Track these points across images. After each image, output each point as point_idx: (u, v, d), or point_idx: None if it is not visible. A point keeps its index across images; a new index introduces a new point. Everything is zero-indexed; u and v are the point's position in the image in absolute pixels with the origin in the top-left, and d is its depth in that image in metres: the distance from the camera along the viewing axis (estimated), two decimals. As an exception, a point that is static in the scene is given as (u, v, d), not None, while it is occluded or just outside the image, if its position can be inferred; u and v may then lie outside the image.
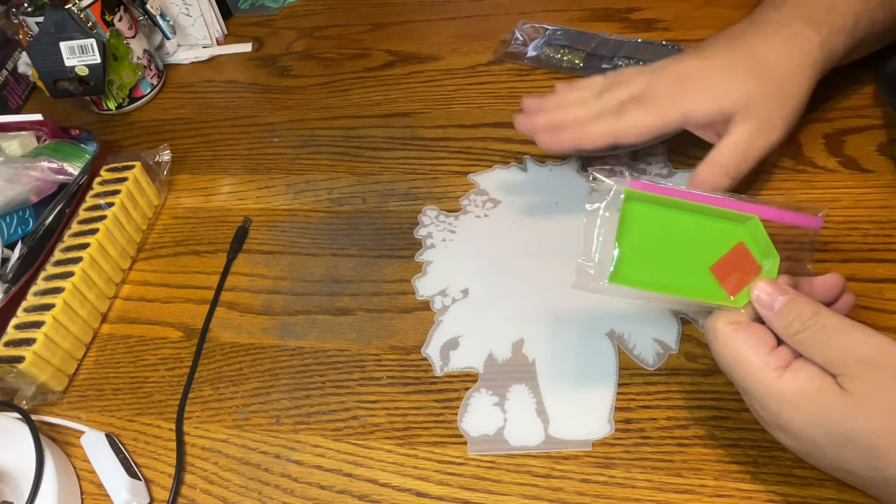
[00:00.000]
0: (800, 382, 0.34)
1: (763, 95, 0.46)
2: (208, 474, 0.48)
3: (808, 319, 0.35)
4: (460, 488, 0.44)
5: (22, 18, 0.69)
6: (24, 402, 0.51)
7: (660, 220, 0.39)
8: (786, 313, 0.36)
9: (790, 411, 0.34)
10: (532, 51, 0.69)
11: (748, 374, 0.36)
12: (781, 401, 0.34)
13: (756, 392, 0.35)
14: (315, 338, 0.53)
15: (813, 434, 0.34)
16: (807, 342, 0.35)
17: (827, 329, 0.35)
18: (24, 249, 0.59)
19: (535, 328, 0.49)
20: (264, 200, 0.64)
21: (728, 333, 0.37)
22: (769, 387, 0.35)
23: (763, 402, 0.35)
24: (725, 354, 0.37)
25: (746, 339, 0.36)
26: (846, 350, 0.34)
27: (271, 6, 0.85)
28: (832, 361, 0.34)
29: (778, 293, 0.36)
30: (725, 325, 0.37)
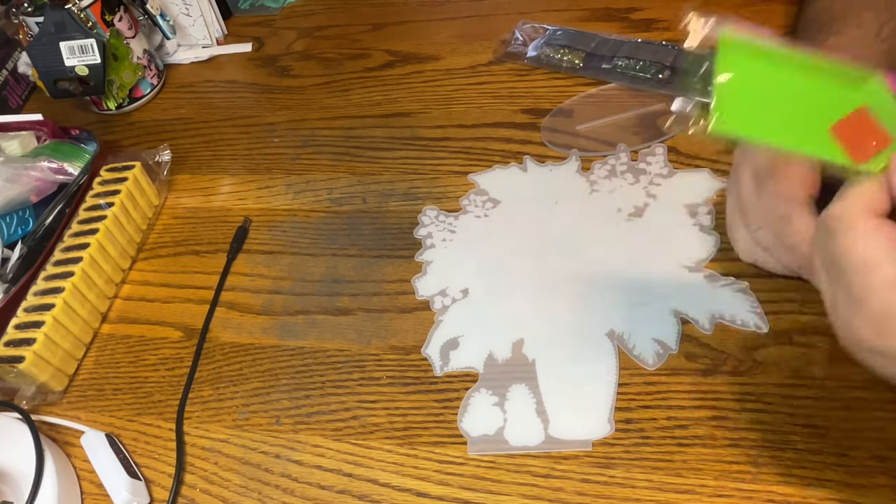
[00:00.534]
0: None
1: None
2: (208, 474, 0.48)
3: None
4: (460, 488, 0.44)
5: (22, 18, 0.69)
6: (24, 402, 0.51)
7: (767, 71, 0.33)
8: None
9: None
10: (532, 51, 0.69)
11: (875, 284, 0.30)
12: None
13: (877, 307, 0.30)
14: (315, 338, 0.53)
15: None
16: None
17: None
18: (24, 249, 0.59)
19: (535, 328, 0.49)
20: (264, 200, 0.64)
21: (868, 231, 0.30)
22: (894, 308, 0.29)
23: (881, 323, 0.30)
24: (852, 253, 0.31)
25: (888, 241, 0.30)
26: None
27: (271, 6, 0.85)
28: None
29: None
30: (867, 220, 0.31)
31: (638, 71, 0.63)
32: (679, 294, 0.49)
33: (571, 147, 0.60)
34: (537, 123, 0.63)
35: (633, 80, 0.63)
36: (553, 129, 0.62)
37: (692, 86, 0.34)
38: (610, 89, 0.64)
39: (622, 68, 0.64)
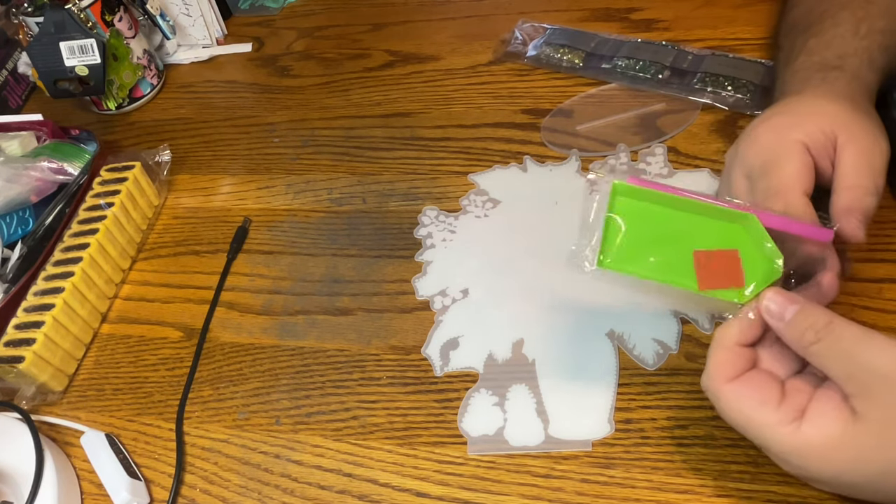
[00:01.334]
0: (821, 431, 0.32)
1: (850, 112, 0.43)
2: (208, 474, 0.48)
3: (822, 329, 0.33)
4: (460, 488, 0.44)
5: (22, 18, 0.69)
6: (24, 402, 0.51)
7: (651, 214, 0.38)
8: (798, 323, 0.34)
9: (818, 463, 0.33)
10: (532, 50, 0.69)
11: (763, 434, 0.34)
12: (806, 455, 0.33)
13: (776, 450, 0.34)
14: (315, 338, 0.53)
15: (847, 479, 0.33)
16: (822, 354, 0.33)
17: (843, 339, 0.33)
18: (24, 249, 0.59)
19: (535, 328, 0.49)
20: (264, 200, 0.64)
21: (730, 395, 0.35)
22: (789, 443, 0.33)
23: (786, 458, 0.34)
24: (732, 415, 0.35)
25: (752, 395, 0.34)
26: (864, 363, 0.32)
27: (271, 6, 0.85)
28: (849, 376, 0.32)
29: (788, 302, 0.35)
30: (724, 385, 0.35)
31: (638, 71, 0.63)
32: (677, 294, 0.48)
33: (571, 147, 0.60)
34: (537, 123, 0.63)
35: (633, 80, 0.63)
36: (553, 129, 0.62)
37: (583, 231, 0.39)
38: (610, 89, 0.64)
39: (622, 68, 0.64)
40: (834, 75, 0.46)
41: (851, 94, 0.45)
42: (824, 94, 0.45)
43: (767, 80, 0.59)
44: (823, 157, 0.42)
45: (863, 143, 0.41)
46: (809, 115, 0.43)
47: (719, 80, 0.61)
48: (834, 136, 0.41)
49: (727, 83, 0.60)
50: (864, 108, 0.44)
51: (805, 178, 0.41)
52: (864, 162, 0.41)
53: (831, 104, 0.44)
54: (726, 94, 0.60)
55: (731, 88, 0.60)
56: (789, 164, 0.41)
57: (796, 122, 0.43)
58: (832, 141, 0.42)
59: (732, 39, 0.65)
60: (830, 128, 0.42)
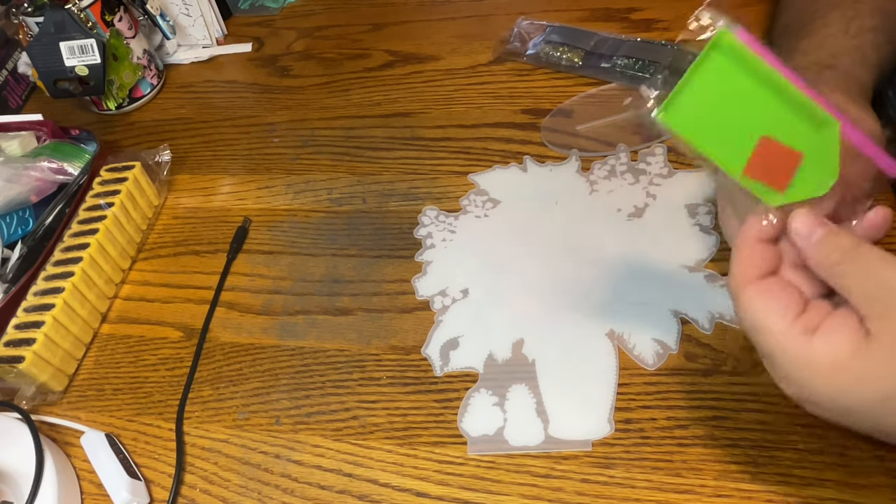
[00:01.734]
0: (831, 346, 0.31)
1: (844, 102, 0.43)
2: (208, 474, 0.48)
3: (848, 250, 0.32)
4: (460, 488, 0.44)
5: (22, 18, 0.69)
6: (24, 402, 0.51)
7: (739, 83, 0.34)
8: (825, 244, 0.33)
9: (821, 380, 0.32)
10: (531, 48, 0.69)
11: (773, 342, 0.33)
12: (811, 370, 0.32)
13: (781, 360, 0.33)
14: (315, 338, 0.53)
15: (845, 402, 0.32)
16: (845, 274, 0.32)
17: (867, 260, 0.32)
18: (24, 249, 0.59)
19: (535, 328, 0.49)
20: (264, 200, 0.64)
21: (749, 297, 0.34)
22: (796, 354, 0.32)
23: (790, 372, 0.33)
24: (749, 318, 0.34)
25: (770, 301, 0.33)
26: (883, 284, 0.31)
27: (271, 6, 0.85)
28: (867, 294, 0.31)
29: (817, 224, 0.34)
30: (747, 287, 0.34)
31: (637, 70, 0.63)
32: (679, 294, 0.49)
33: (571, 147, 0.60)
34: (537, 123, 0.63)
35: (633, 80, 0.63)
36: (553, 129, 0.62)
37: (667, 74, 0.35)
38: (610, 89, 0.64)
39: (621, 67, 0.64)
40: (828, 74, 0.47)
41: (846, 90, 0.45)
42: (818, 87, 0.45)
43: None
44: None
45: (864, 127, 0.41)
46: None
47: (719, 80, 0.61)
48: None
49: (727, 83, 0.60)
50: (858, 102, 0.44)
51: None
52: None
53: (826, 97, 0.44)
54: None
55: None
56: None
57: None
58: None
59: (732, 39, 0.65)
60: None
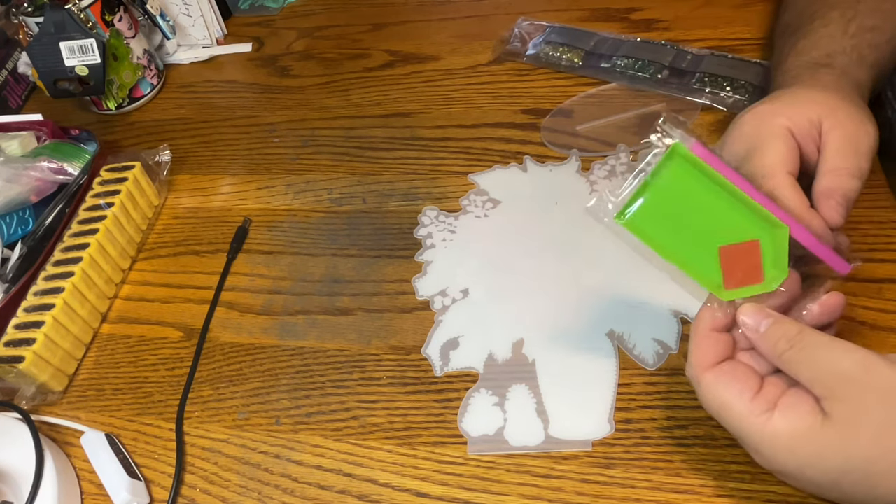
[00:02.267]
0: (789, 423, 0.34)
1: (837, 100, 0.44)
2: (208, 474, 0.48)
3: (794, 337, 0.35)
4: (460, 488, 0.44)
5: (22, 18, 0.69)
6: (24, 402, 0.51)
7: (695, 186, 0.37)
8: (771, 334, 0.36)
9: (784, 455, 0.34)
10: (531, 49, 0.69)
11: (737, 422, 0.35)
12: (774, 446, 0.34)
13: (748, 439, 0.35)
14: (315, 338, 0.53)
15: (810, 474, 0.34)
16: (793, 360, 0.35)
17: (812, 345, 0.35)
18: (24, 249, 0.59)
19: (535, 328, 0.49)
20: (264, 200, 0.64)
21: (708, 382, 0.36)
22: (759, 432, 0.35)
23: (757, 448, 0.35)
24: (711, 402, 0.37)
25: (728, 385, 0.36)
26: (830, 366, 0.34)
27: (271, 6, 0.85)
28: (817, 379, 0.34)
29: (763, 317, 0.36)
30: (704, 374, 0.37)
31: (637, 70, 0.63)
32: (679, 294, 0.48)
33: (571, 147, 0.60)
34: (537, 123, 0.63)
35: (632, 80, 0.63)
36: (553, 129, 0.62)
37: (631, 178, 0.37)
38: (610, 89, 0.64)
39: (621, 67, 0.64)
40: (823, 72, 0.47)
41: (840, 88, 0.45)
42: (812, 86, 0.46)
43: (766, 82, 0.59)
44: (808, 143, 0.42)
45: (847, 128, 0.42)
46: (795, 103, 0.44)
47: (718, 81, 0.61)
48: (819, 122, 0.42)
49: (726, 84, 0.60)
50: (852, 99, 0.44)
51: (789, 160, 0.41)
52: (848, 145, 0.41)
53: (818, 94, 0.44)
54: (725, 95, 0.60)
55: (730, 89, 0.60)
56: (773, 146, 0.42)
57: (780, 109, 0.43)
58: (817, 127, 0.42)
59: (732, 40, 0.65)
60: (816, 114, 0.42)
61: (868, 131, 0.42)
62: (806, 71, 0.48)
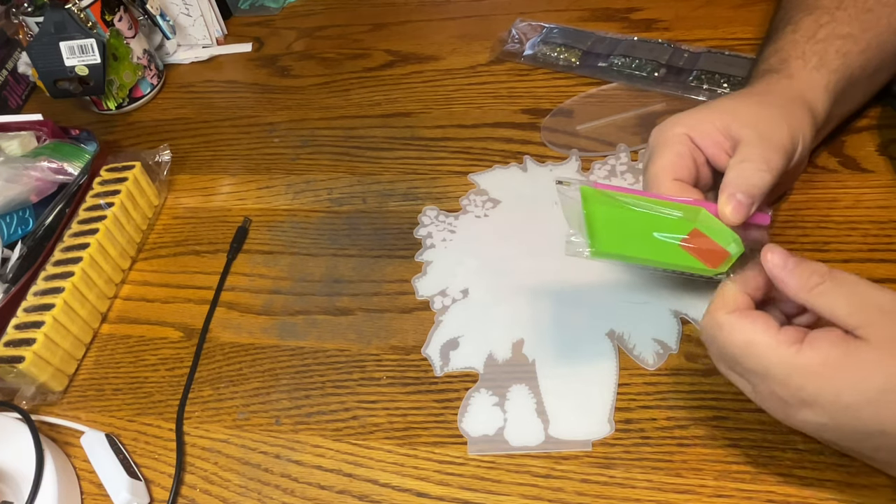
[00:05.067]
0: (822, 351, 0.33)
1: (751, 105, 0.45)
2: (208, 474, 0.48)
3: (825, 273, 0.35)
4: (460, 488, 0.44)
5: (22, 18, 0.69)
6: (24, 402, 0.51)
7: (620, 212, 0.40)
8: (802, 269, 0.35)
9: (817, 383, 0.33)
10: (529, 49, 0.69)
11: (764, 355, 0.35)
12: (805, 374, 0.33)
13: (777, 371, 0.34)
14: (315, 338, 0.53)
15: (845, 399, 0.33)
16: (827, 293, 0.34)
17: (847, 280, 0.34)
18: (24, 249, 0.59)
19: (535, 328, 0.49)
20: (264, 200, 0.64)
21: (733, 321, 0.36)
22: (790, 363, 0.34)
23: (786, 381, 0.34)
24: (734, 343, 0.36)
25: (752, 322, 0.35)
26: (868, 298, 0.34)
27: (271, 6, 0.85)
28: (854, 310, 0.33)
29: (788, 255, 0.36)
30: (727, 315, 0.36)
31: (634, 69, 0.64)
32: (679, 294, 0.49)
33: (571, 147, 0.60)
34: (537, 123, 0.63)
35: (630, 79, 0.63)
36: (553, 129, 0.62)
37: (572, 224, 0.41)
38: (610, 89, 0.64)
39: (618, 66, 0.64)
40: (768, 77, 0.47)
41: (769, 92, 0.46)
42: (735, 95, 0.47)
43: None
44: (715, 149, 0.44)
45: (758, 127, 0.43)
46: (702, 111, 0.45)
47: (715, 78, 0.61)
48: (727, 128, 0.43)
49: (723, 81, 0.60)
50: (780, 104, 0.45)
51: (678, 166, 0.43)
52: (755, 141, 0.42)
53: (732, 100, 0.46)
54: (722, 92, 0.60)
55: (727, 86, 0.60)
56: (661, 154, 0.43)
57: (682, 119, 0.45)
58: (724, 132, 0.43)
59: (732, 39, 0.65)
60: (721, 121, 0.44)
61: (781, 128, 0.43)
62: (756, 77, 0.49)
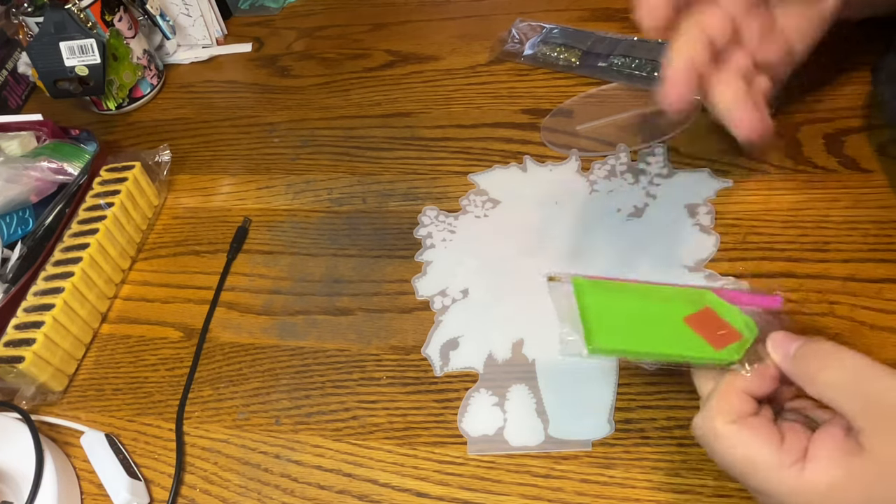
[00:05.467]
0: (826, 473, 0.31)
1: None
2: (208, 474, 0.48)
3: (829, 355, 0.33)
4: (460, 488, 0.44)
5: (22, 18, 0.69)
6: (24, 402, 0.51)
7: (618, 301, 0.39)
8: (804, 354, 0.34)
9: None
10: (529, 49, 0.69)
11: (765, 476, 0.33)
12: (809, 497, 0.31)
13: (777, 493, 0.32)
14: (315, 338, 0.53)
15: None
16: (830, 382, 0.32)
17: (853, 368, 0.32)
18: (24, 249, 0.59)
19: (535, 328, 0.49)
20: (264, 200, 0.64)
21: (731, 434, 0.33)
22: (794, 486, 0.32)
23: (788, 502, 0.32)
24: (734, 458, 0.34)
25: (753, 437, 0.33)
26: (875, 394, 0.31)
27: (271, 6, 0.85)
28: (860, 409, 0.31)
29: (793, 339, 0.34)
30: (726, 426, 0.34)
31: (634, 69, 0.64)
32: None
33: (571, 147, 0.60)
34: (537, 123, 0.63)
35: (629, 78, 0.63)
36: (553, 129, 0.62)
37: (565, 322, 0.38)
38: (610, 89, 0.64)
39: (618, 66, 0.64)
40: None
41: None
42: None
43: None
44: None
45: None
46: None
47: (717, 80, 0.61)
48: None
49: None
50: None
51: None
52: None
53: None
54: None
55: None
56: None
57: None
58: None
59: (732, 39, 0.65)
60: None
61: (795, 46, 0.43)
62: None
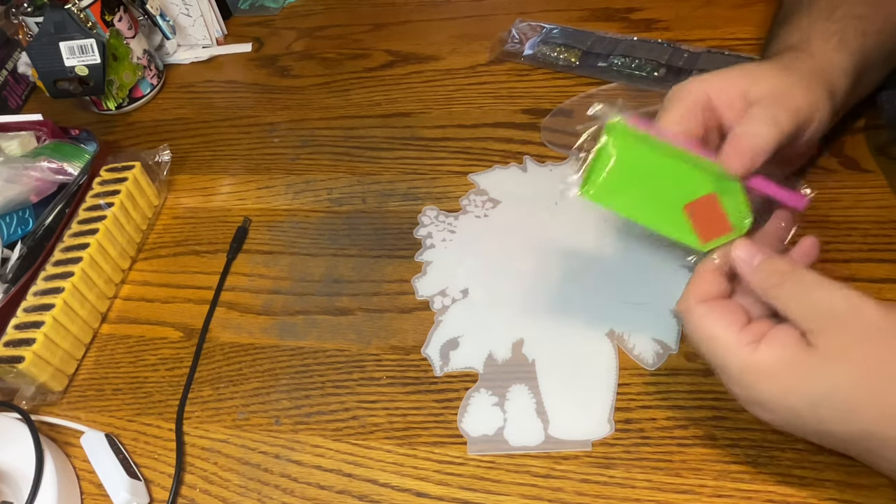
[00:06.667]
0: (774, 352, 0.35)
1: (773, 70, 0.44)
2: (208, 474, 0.48)
3: (785, 273, 0.36)
4: (460, 488, 0.44)
5: (22, 18, 0.69)
6: (24, 402, 0.51)
7: (643, 156, 0.39)
8: (764, 268, 0.37)
9: (766, 383, 0.35)
10: (529, 49, 0.69)
11: (722, 351, 0.36)
12: (757, 374, 0.35)
13: (731, 368, 0.36)
14: (315, 338, 0.53)
15: (790, 401, 0.34)
16: (784, 295, 0.36)
17: (803, 282, 0.35)
18: (24, 249, 0.59)
19: (535, 328, 0.49)
20: (264, 200, 0.64)
21: (700, 313, 0.37)
22: (744, 361, 0.35)
23: (739, 378, 0.36)
24: (698, 333, 0.37)
25: (719, 317, 0.36)
26: (820, 302, 0.35)
27: (271, 6, 0.85)
28: (806, 314, 0.35)
29: (755, 251, 0.37)
30: (697, 305, 0.37)
31: (634, 69, 0.64)
32: (679, 294, 0.48)
33: (571, 147, 0.60)
34: (537, 123, 0.63)
35: (629, 79, 0.63)
36: (553, 129, 0.62)
37: (583, 155, 0.40)
38: (610, 89, 0.64)
39: (618, 66, 0.64)
40: (787, 54, 0.47)
41: (791, 65, 0.45)
42: (758, 62, 0.47)
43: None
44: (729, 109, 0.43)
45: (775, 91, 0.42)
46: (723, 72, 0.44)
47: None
48: (746, 91, 0.43)
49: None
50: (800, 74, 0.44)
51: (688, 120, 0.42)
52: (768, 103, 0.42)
53: (755, 66, 0.45)
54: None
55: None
56: (677, 106, 0.43)
57: (703, 77, 0.44)
58: (743, 95, 0.43)
59: (732, 39, 0.65)
60: (743, 84, 0.43)
61: (798, 95, 0.43)
62: (776, 53, 0.48)
